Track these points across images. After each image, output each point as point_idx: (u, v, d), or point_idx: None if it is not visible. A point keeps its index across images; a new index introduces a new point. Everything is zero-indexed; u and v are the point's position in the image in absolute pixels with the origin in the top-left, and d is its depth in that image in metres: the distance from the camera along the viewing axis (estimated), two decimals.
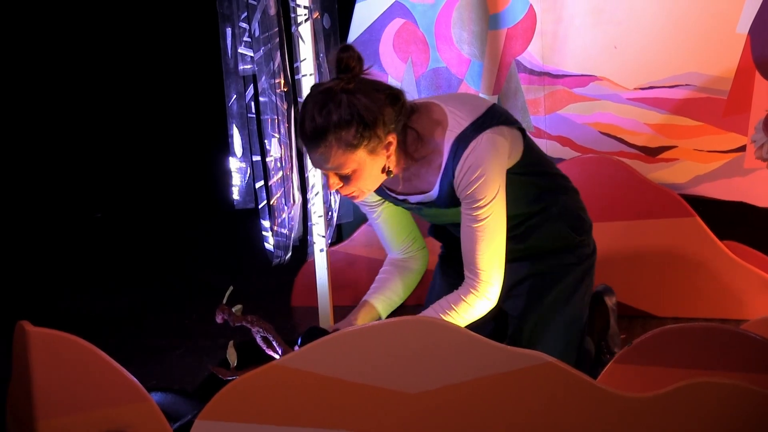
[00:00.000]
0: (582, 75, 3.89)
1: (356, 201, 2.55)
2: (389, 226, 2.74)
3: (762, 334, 2.06)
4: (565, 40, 3.88)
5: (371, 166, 2.40)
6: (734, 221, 3.91)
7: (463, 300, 2.44)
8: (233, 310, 2.47)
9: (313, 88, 2.42)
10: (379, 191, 2.63)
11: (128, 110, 6.48)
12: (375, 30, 4.06)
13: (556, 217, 2.66)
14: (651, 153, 3.85)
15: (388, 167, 2.44)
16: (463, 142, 2.41)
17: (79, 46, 6.27)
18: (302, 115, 2.37)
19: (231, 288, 2.52)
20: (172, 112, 6.40)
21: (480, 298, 2.44)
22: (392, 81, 4.04)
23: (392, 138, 2.39)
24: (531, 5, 3.91)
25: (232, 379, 2.16)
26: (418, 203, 2.58)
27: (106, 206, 6.26)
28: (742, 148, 3.72)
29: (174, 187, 6.38)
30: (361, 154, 2.36)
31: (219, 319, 2.48)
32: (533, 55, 3.94)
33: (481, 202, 2.40)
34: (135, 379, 2.17)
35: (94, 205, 6.26)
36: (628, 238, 3.67)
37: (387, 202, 2.69)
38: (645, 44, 3.79)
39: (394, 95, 2.40)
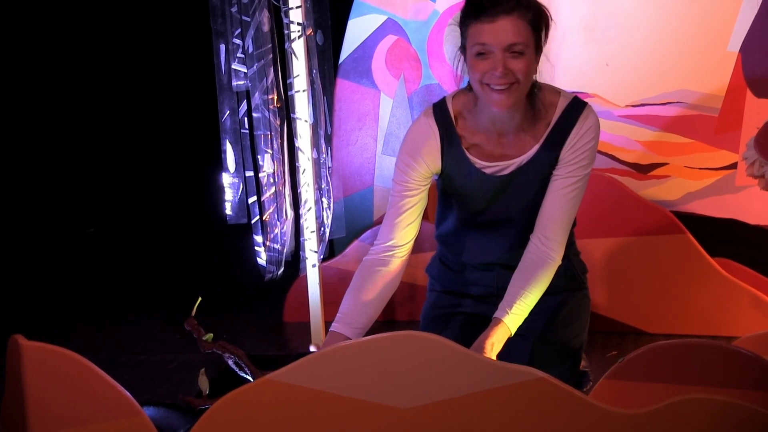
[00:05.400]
0: (574, 92, 3.89)
1: (502, 106, 2.40)
2: (410, 213, 2.57)
3: (753, 351, 2.06)
4: (557, 57, 3.89)
5: (533, 62, 2.42)
6: (725, 238, 3.93)
7: (550, 269, 2.47)
8: (204, 338, 2.45)
9: None
10: (460, 154, 2.53)
11: (122, 125, 6.48)
12: (368, 46, 4.06)
13: (572, 255, 2.65)
14: (642, 170, 3.86)
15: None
16: (578, 104, 2.51)
17: (75, 62, 6.28)
18: None
19: (200, 299, 2.51)
20: (165, 128, 6.41)
21: (557, 264, 2.49)
22: (384, 98, 4.05)
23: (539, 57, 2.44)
24: None
25: (206, 408, 2.15)
26: (493, 173, 2.52)
27: (99, 221, 6.25)
28: (734, 166, 3.74)
29: (167, 202, 6.37)
30: (533, 41, 2.39)
31: (187, 327, 2.47)
32: None
33: (587, 165, 2.50)
34: (128, 393, 2.16)
35: (86, 220, 6.25)
36: (620, 254, 3.67)
37: (424, 192, 2.58)
38: (637, 62, 3.81)
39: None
